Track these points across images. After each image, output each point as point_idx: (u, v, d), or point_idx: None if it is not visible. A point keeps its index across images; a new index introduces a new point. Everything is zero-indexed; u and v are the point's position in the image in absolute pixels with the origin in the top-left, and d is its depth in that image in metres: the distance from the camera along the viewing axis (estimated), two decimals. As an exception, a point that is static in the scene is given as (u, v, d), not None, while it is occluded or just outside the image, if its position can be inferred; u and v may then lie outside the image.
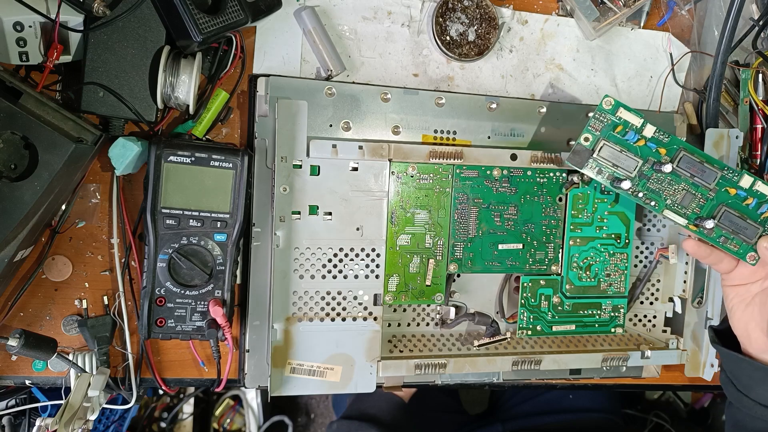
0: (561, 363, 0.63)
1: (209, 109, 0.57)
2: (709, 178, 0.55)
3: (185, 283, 0.54)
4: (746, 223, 0.55)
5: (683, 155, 0.55)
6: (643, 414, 1.17)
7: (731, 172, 0.55)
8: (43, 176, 0.46)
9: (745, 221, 0.55)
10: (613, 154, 0.55)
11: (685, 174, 0.55)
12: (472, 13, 0.62)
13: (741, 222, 0.55)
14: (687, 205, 0.56)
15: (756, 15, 0.68)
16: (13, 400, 0.65)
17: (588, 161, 0.55)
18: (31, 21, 0.48)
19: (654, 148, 0.55)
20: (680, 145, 0.55)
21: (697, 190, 0.56)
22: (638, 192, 0.56)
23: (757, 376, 0.56)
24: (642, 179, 0.55)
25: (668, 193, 0.56)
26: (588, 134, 0.55)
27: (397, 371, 0.59)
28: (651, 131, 0.55)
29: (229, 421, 1.36)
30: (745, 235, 0.55)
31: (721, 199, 0.56)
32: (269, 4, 0.56)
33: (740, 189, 0.55)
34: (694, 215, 0.56)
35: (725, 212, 0.55)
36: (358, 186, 0.57)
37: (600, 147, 0.55)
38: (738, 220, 0.55)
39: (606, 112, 0.55)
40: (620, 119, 0.55)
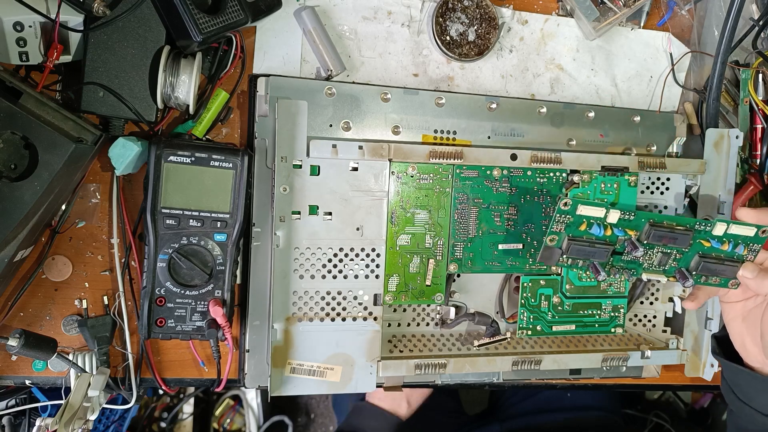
0: (561, 363, 0.63)
1: (209, 109, 0.57)
2: (684, 242, 0.54)
3: (185, 283, 0.54)
4: (724, 266, 0.55)
5: (653, 231, 0.54)
6: (643, 414, 1.17)
7: (703, 225, 0.54)
8: (43, 176, 0.46)
9: (723, 264, 0.55)
10: (583, 250, 0.54)
11: (658, 245, 0.55)
12: (472, 13, 0.62)
13: (719, 267, 0.55)
14: (665, 264, 0.56)
15: (756, 15, 0.68)
16: (13, 400, 0.65)
17: (559, 258, 0.55)
18: (31, 21, 0.48)
19: (623, 235, 0.54)
20: (646, 218, 0.54)
21: (672, 250, 0.55)
22: (615, 271, 0.56)
23: (756, 386, 0.57)
24: (615, 256, 0.55)
25: (644, 260, 0.56)
26: (553, 235, 0.55)
27: (397, 371, 0.59)
28: (615, 216, 0.54)
29: (229, 421, 1.36)
30: (726, 274, 0.55)
31: (696, 249, 0.55)
32: (269, 4, 0.56)
33: (714, 239, 0.55)
34: (673, 269, 0.56)
35: (703, 263, 0.55)
36: (358, 186, 0.57)
37: (568, 247, 0.54)
38: (716, 266, 0.55)
39: (566, 213, 0.54)
40: (582, 216, 0.54)
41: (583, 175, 0.62)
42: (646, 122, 0.67)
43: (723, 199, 0.65)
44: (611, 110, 0.67)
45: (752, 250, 0.55)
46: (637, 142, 0.67)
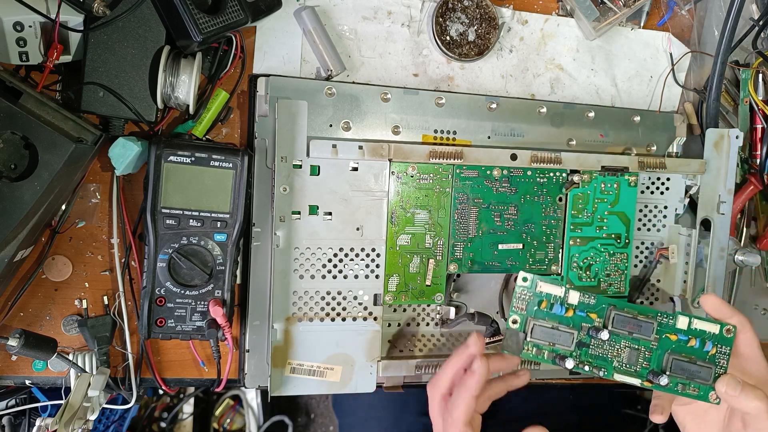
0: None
1: (209, 109, 0.57)
2: (648, 331, 0.53)
3: (185, 283, 0.54)
4: (698, 366, 0.53)
5: (615, 315, 0.52)
6: (643, 414, 1.17)
7: (666, 317, 0.53)
8: (43, 176, 0.46)
9: (695, 364, 0.53)
10: (547, 333, 0.52)
11: (623, 333, 0.53)
12: (472, 13, 0.62)
13: (693, 367, 0.53)
14: (635, 363, 0.53)
15: (756, 15, 0.68)
16: (13, 400, 0.65)
17: (524, 344, 0.53)
18: (31, 21, 0.48)
19: (584, 314, 0.53)
20: (607, 303, 0.53)
21: (640, 344, 0.53)
22: (584, 365, 0.53)
23: None
24: (582, 348, 0.53)
25: (612, 355, 0.54)
26: (515, 316, 0.53)
27: (397, 371, 0.59)
28: (576, 297, 0.53)
29: (229, 421, 1.36)
30: (701, 378, 0.53)
31: (665, 347, 0.53)
32: (269, 4, 0.56)
33: (680, 333, 0.53)
34: (645, 371, 0.54)
35: (674, 360, 0.53)
36: (358, 186, 0.57)
37: (531, 328, 0.52)
38: (688, 365, 0.53)
39: (525, 288, 0.53)
40: (542, 293, 0.53)
41: (583, 175, 0.62)
42: (646, 122, 0.67)
43: (723, 199, 0.65)
44: (611, 110, 0.67)
45: (721, 352, 0.53)
46: (637, 142, 0.67)
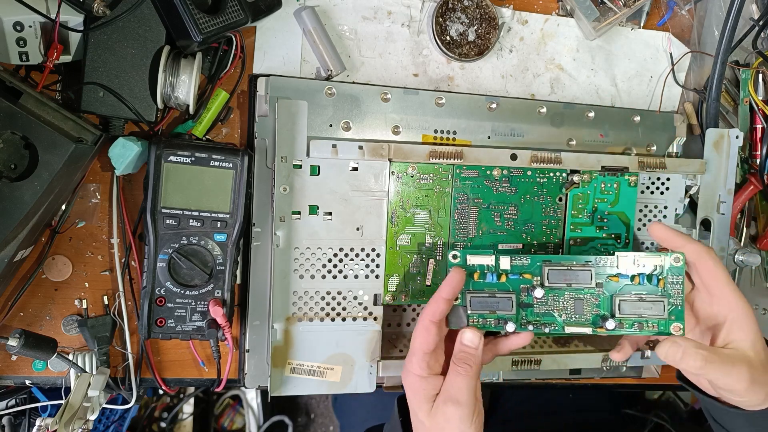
0: (561, 363, 0.63)
1: (209, 109, 0.57)
2: (586, 279, 0.52)
3: (185, 283, 0.54)
4: (648, 303, 0.51)
5: (549, 270, 0.52)
6: (643, 414, 1.17)
7: (606, 261, 0.52)
8: (43, 176, 0.46)
9: (645, 301, 0.51)
10: (484, 302, 0.52)
11: (561, 285, 0.52)
12: (472, 13, 0.62)
13: (643, 304, 0.51)
14: (583, 312, 0.52)
15: (756, 15, 0.68)
16: (13, 400, 0.65)
17: (468, 317, 0.53)
18: (31, 21, 0.48)
19: (518, 276, 0.53)
20: (541, 260, 0.53)
21: (584, 293, 0.52)
22: (527, 324, 0.53)
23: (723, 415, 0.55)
24: (527, 309, 0.53)
25: (559, 309, 0.53)
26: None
27: (397, 371, 0.59)
28: (507, 262, 0.53)
29: (229, 421, 1.36)
30: (653, 313, 0.51)
31: (611, 291, 0.52)
32: (269, 4, 0.56)
33: (622, 275, 0.52)
34: (596, 317, 0.52)
35: (621, 302, 0.51)
36: (358, 186, 0.57)
37: (469, 300, 0.53)
38: (637, 303, 0.51)
39: (456, 266, 0.53)
40: (473, 266, 0.53)
41: (583, 175, 0.62)
42: (646, 122, 0.67)
43: (723, 199, 0.65)
44: (611, 110, 0.67)
45: (672, 283, 0.51)
46: (637, 142, 0.67)
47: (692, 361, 0.48)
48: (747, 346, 0.49)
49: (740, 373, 0.48)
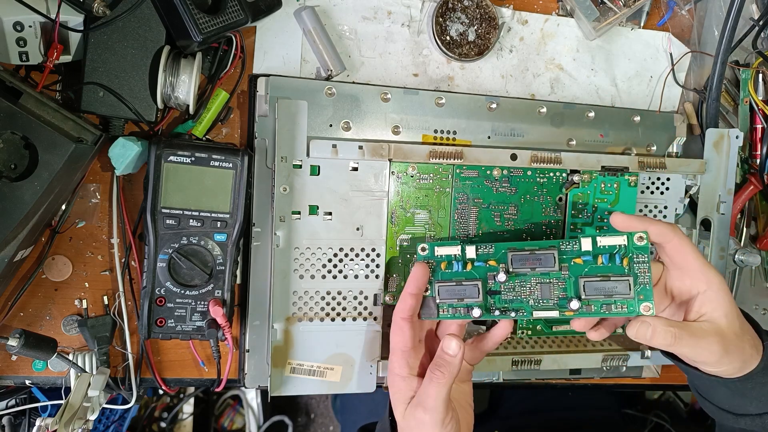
0: (561, 363, 0.63)
1: (209, 109, 0.57)
2: (549, 262, 0.52)
3: (185, 283, 0.54)
4: (613, 282, 0.51)
5: (512, 255, 0.52)
6: (643, 414, 1.17)
7: (569, 244, 0.52)
8: (43, 176, 0.46)
9: (609, 281, 0.51)
10: (452, 290, 0.53)
11: (526, 270, 0.52)
12: (472, 13, 0.62)
13: (607, 284, 0.51)
14: (550, 296, 0.52)
15: (756, 15, 0.68)
16: (13, 400, 0.65)
17: (438, 307, 0.54)
18: (31, 21, 0.48)
19: (484, 263, 0.53)
20: (505, 248, 0.53)
21: (550, 277, 0.52)
22: (494, 310, 0.53)
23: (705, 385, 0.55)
24: (495, 296, 0.53)
25: (526, 295, 0.53)
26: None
27: (397, 371, 0.59)
28: (473, 251, 0.53)
29: (229, 421, 1.36)
30: (619, 293, 0.51)
31: (576, 273, 0.52)
32: (269, 4, 0.56)
33: (584, 254, 0.52)
34: (564, 301, 0.52)
35: (585, 283, 0.51)
36: (358, 186, 0.57)
37: (437, 290, 0.53)
38: (602, 284, 0.51)
39: (426, 258, 0.54)
40: (441, 256, 0.54)
41: (583, 175, 0.62)
42: (646, 122, 0.67)
43: (723, 199, 0.65)
44: (611, 110, 0.67)
45: (638, 261, 0.50)
46: (637, 142, 0.67)
47: (662, 339, 0.49)
48: (719, 317, 0.50)
49: (711, 344, 0.49)
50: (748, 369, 0.51)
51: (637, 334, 0.50)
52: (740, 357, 0.50)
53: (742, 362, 0.51)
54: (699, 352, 0.50)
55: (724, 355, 0.49)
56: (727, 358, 0.50)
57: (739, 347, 0.50)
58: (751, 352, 0.51)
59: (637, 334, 0.50)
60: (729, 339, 0.50)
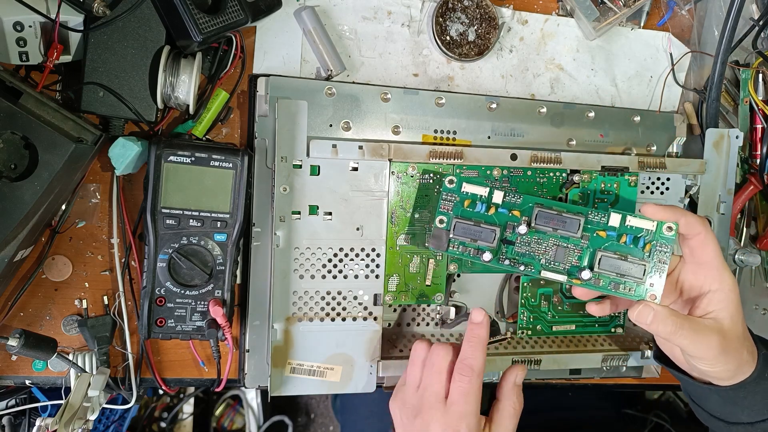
0: (561, 363, 0.63)
1: (209, 109, 0.57)
2: (573, 227, 0.52)
3: (185, 283, 0.54)
4: (629, 264, 0.51)
5: (538, 211, 0.52)
6: (643, 414, 1.17)
7: (597, 215, 0.52)
8: (43, 176, 0.46)
9: (626, 261, 0.51)
10: (468, 229, 0.53)
11: (547, 229, 0.52)
12: (472, 13, 0.62)
13: (623, 264, 0.51)
14: (563, 260, 0.53)
15: (756, 15, 0.68)
16: (13, 400, 0.65)
17: (448, 242, 0.54)
18: (31, 21, 0.48)
19: (508, 212, 0.53)
20: (534, 201, 0.53)
21: (569, 242, 0.52)
22: (504, 259, 0.53)
23: (696, 392, 0.56)
24: (508, 246, 0.54)
25: (540, 253, 0.53)
26: (442, 216, 0.55)
27: (397, 371, 0.59)
28: (500, 197, 0.53)
29: (229, 421, 1.36)
30: (632, 276, 0.51)
31: (596, 245, 0.52)
32: (269, 4, 0.56)
33: (610, 229, 0.52)
34: (575, 268, 0.53)
35: (602, 257, 0.51)
36: (358, 186, 0.57)
37: (453, 225, 0.54)
38: (619, 262, 0.51)
39: (451, 191, 0.54)
40: (467, 193, 0.54)
41: (583, 175, 0.62)
42: (646, 122, 0.67)
43: (723, 199, 0.65)
44: (611, 110, 0.67)
45: (659, 250, 0.51)
46: (637, 142, 0.67)
47: (662, 325, 0.49)
48: (725, 318, 0.50)
49: (711, 341, 0.49)
50: (742, 376, 0.52)
51: (638, 316, 0.50)
52: (736, 360, 0.51)
53: (736, 366, 0.51)
54: (697, 347, 0.50)
55: (721, 354, 0.50)
56: (724, 357, 0.50)
57: (737, 350, 0.51)
58: (747, 359, 0.51)
59: (638, 316, 0.50)
60: (729, 340, 0.50)
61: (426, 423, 0.49)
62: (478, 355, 0.50)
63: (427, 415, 0.50)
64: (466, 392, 0.49)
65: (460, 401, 0.49)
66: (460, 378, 0.50)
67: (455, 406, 0.49)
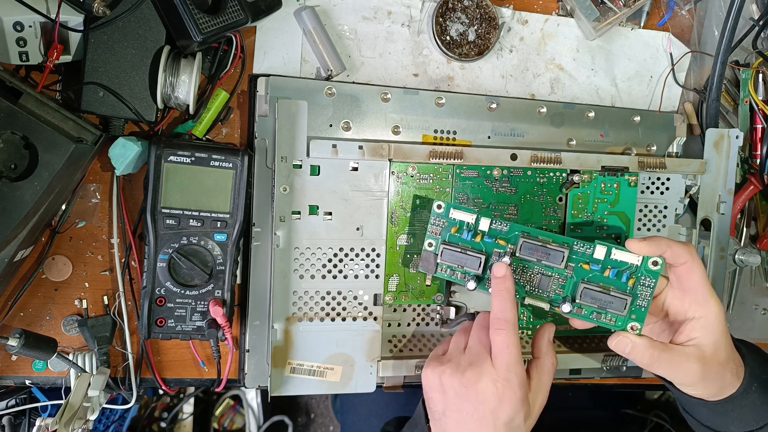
0: (561, 363, 0.63)
1: (209, 109, 0.57)
2: (557, 259, 0.52)
3: (185, 283, 0.54)
4: (611, 297, 0.51)
5: (523, 242, 0.52)
6: (643, 414, 1.17)
7: (582, 246, 0.52)
8: (43, 176, 0.46)
9: (609, 294, 0.51)
10: (455, 256, 0.53)
11: (532, 259, 0.53)
12: (472, 13, 0.62)
13: (605, 297, 0.51)
14: (547, 288, 0.53)
15: (756, 15, 0.68)
16: (13, 400, 0.65)
17: (437, 266, 0.55)
18: (31, 21, 0.48)
19: (493, 240, 0.53)
20: (520, 230, 0.53)
21: (553, 271, 0.53)
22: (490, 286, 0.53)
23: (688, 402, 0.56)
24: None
25: (525, 280, 0.54)
26: (430, 239, 0.55)
27: (397, 371, 0.59)
28: (486, 224, 0.53)
29: (229, 421, 1.36)
30: (614, 308, 0.51)
31: (580, 276, 0.53)
32: (269, 4, 0.56)
33: (594, 262, 0.52)
34: (558, 297, 0.53)
35: (584, 290, 0.52)
36: (358, 186, 0.57)
37: (441, 251, 0.54)
38: (600, 295, 0.51)
39: (439, 216, 0.54)
40: (454, 220, 0.54)
41: (583, 175, 0.62)
42: (646, 122, 0.67)
43: (723, 199, 0.65)
44: (611, 110, 0.67)
45: (643, 284, 0.51)
46: (637, 142, 0.67)
47: (640, 356, 0.51)
48: (707, 345, 0.51)
49: (689, 369, 0.50)
50: (726, 394, 0.52)
51: (616, 345, 0.52)
52: (718, 384, 0.52)
53: (719, 388, 0.52)
54: (676, 374, 0.51)
55: (701, 380, 0.51)
56: (704, 383, 0.51)
57: (719, 375, 0.51)
58: (732, 380, 0.52)
59: (617, 346, 0.52)
60: (710, 366, 0.51)
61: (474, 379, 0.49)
62: (509, 307, 0.51)
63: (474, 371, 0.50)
64: (506, 344, 0.50)
65: (504, 353, 0.50)
66: (497, 332, 0.50)
67: (499, 358, 0.50)
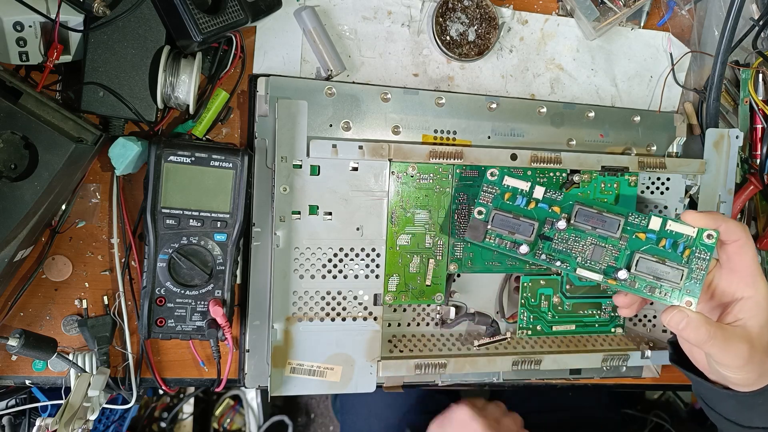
0: (561, 363, 0.63)
1: (209, 109, 0.57)
2: (612, 227, 0.52)
3: (185, 283, 0.54)
4: (667, 267, 0.51)
5: (579, 209, 0.52)
6: (643, 414, 1.17)
7: (637, 217, 0.52)
8: (43, 176, 0.46)
9: (664, 264, 0.51)
10: (506, 222, 0.53)
11: (586, 228, 0.52)
12: (472, 13, 0.62)
13: (661, 267, 0.51)
14: (599, 260, 0.53)
15: (756, 15, 0.68)
16: (13, 400, 0.65)
17: (485, 233, 0.54)
18: (31, 21, 0.48)
19: (548, 208, 0.53)
20: (574, 199, 0.53)
21: (607, 242, 0.52)
22: (541, 254, 0.53)
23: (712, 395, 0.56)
24: (545, 241, 0.54)
25: (577, 251, 0.53)
26: (481, 207, 0.55)
27: (397, 371, 0.59)
28: (541, 192, 0.54)
29: (229, 421, 1.36)
30: (669, 279, 0.51)
31: (634, 247, 0.52)
32: (269, 4, 0.56)
33: (650, 232, 0.52)
34: (611, 269, 0.53)
35: (640, 259, 0.51)
36: (358, 186, 0.57)
37: (492, 217, 0.54)
38: (657, 265, 0.51)
39: (492, 183, 0.54)
40: (508, 186, 0.54)
41: (583, 175, 0.62)
42: (646, 122, 0.67)
43: (723, 199, 0.65)
44: (611, 110, 0.67)
45: (698, 257, 0.51)
46: (637, 142, 0.67)
47: (695, 333, 0.49)
48: (754, 326, 0.50)
49: (739, 350, 0.49)
50: (761, 384, 0.52)
51: (671, 320, 0.50)
52: (760, 369, 0.51)
53: (759, 374, 0.51)
54: (726, 355, 0.50)
55: (747, 363, 0.50)
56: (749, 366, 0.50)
57: (762, 359, 0.50)
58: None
59: (671, 321, 0.50)
60: (756, 349, 0.50)
61: None
62: None
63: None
64: None
65: None
66: None
67: None
